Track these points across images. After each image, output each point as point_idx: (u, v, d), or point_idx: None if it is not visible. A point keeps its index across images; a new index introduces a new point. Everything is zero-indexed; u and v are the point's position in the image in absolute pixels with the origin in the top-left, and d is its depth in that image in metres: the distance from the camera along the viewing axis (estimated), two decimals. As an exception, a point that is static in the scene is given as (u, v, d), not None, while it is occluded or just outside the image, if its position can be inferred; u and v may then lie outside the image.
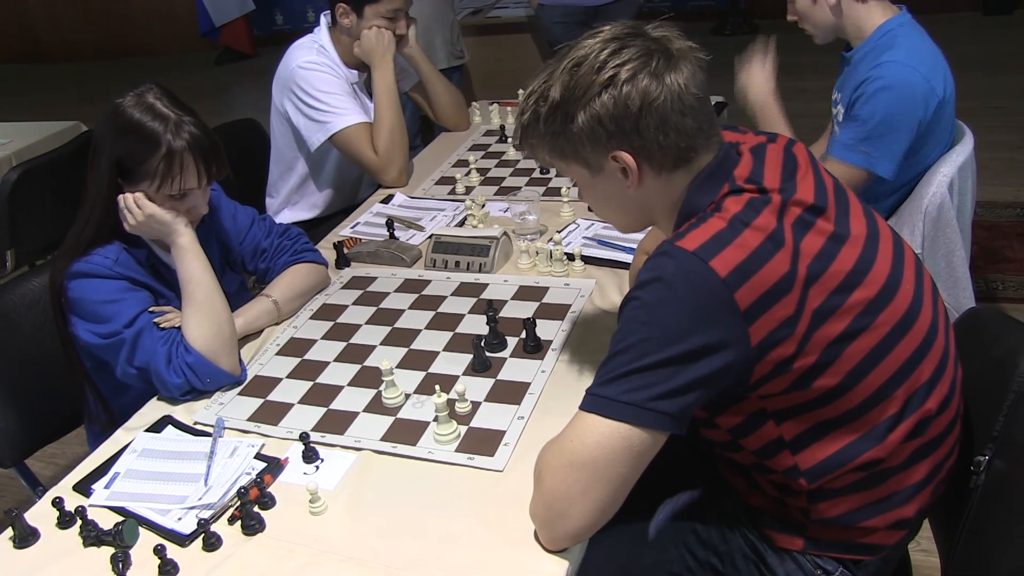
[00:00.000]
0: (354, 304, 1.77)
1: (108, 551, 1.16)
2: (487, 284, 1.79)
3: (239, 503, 1.19)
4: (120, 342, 1.47)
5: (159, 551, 1.12)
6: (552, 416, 1.28)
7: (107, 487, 1.30)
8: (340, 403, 1.45)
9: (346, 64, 2.40)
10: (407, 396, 1.44)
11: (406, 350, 1.58)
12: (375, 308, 1.74)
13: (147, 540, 1.18)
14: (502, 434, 1.32)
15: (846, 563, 1.18)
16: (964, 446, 1.20)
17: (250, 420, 1.43)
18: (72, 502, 1.25)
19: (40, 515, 1.25)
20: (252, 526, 1.19)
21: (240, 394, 1.50)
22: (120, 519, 1.21)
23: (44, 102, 7.02)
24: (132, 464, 1.34)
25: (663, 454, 1.04)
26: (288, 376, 1.54)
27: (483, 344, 1.50)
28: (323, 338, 1.65)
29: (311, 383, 1.51)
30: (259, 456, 1.33)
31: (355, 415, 1.41)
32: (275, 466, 1.31)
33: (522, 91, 1.18)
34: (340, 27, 2.37)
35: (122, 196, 1.50)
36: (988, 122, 4.16)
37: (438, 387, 1.33)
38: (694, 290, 1.00)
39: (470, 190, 2.28)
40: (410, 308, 1.73)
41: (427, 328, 1.64)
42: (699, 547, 1.26)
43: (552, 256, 1.79)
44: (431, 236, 1.93)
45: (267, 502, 1.23)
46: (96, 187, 1.51)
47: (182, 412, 1.47)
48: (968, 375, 1.20)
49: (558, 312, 1.64)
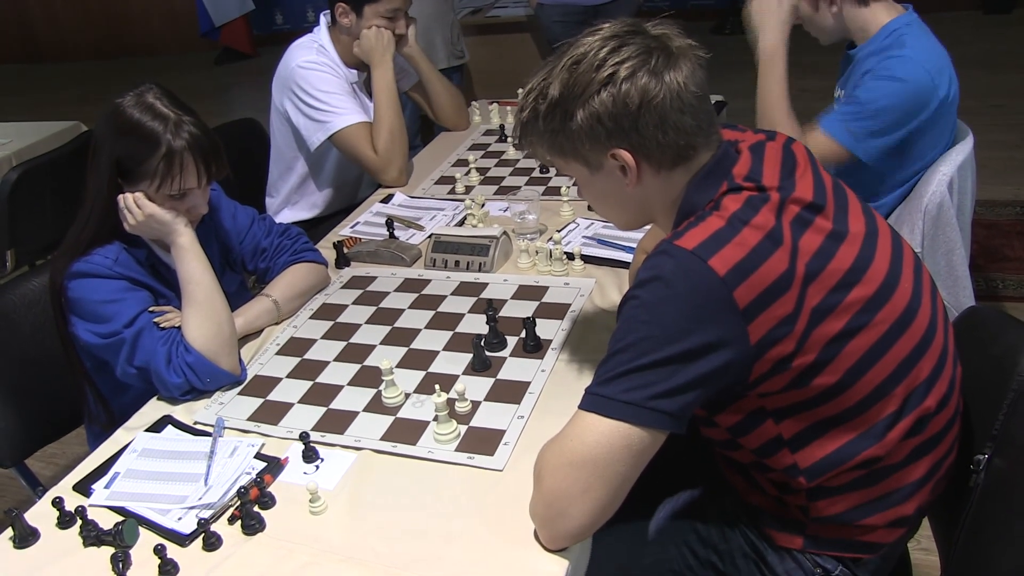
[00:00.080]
0: (354, 304, 1.77)
1: (108, 551, 1.16)
2: (487, 283, 1.79)
3: (239, 503, 1.19)
4: (120, 342, 1.47)
5: (159, 551, 1.12)
6: (552, 415, 1.28)
7: (107, 487, 1.30)
8: (340, 403, 1.45)
9: (346, 64, 2.40)
10: (407, 395, 1.44)
11: (406, 349, 1.58)
12: (375, 308, 1.74)
13: (147, 540, 1.18)
14: (502, 433, 1.32)
15: (846, 561, 1.18)
16: (964, 444, 1.20)
17: (250, 420, 1.43)
18: (72, 502, 1.25)
19: (40, 515, 1.25)
20: (252, 526, 1.19)
21: (240, 394, 1.50)
22: (120, 519, 1.21)
23: (44, 102, 7.02)
24: (132, 464, 1.34)
25: (663, 453, 1.04)
26: (288, 376, 1.54)
27: (483, 343, 1.50)
28: (323, 338, 1.65)
29: (311, 383, 1.51)
30: (259, 456, 1.33)
31: (355, 415, 1.41)
32: (275, 466, 1.31)
33: (521, 89, 1.18)
34: (340, 27, 2.37)
35: (122, 196, 1.50)
36: (988, 121, 4.17)
37: (438, 386, 1.33)
38: (693, 289, 1.00)
39: (470, 189, 2.28)
40: (410, 308, 1.73)
41: (427, 327, 1.64)
42: (699, 545, 1.26)
43: (552, 255, 1.79)
44: (431, 235, 1.93)
45: (267, 502, 1.23)
46: (96, 187, 1.51)
47: (182, 412, 1.47)
48: (968, 374, 1.20)
49: (558, 311, 1.64)
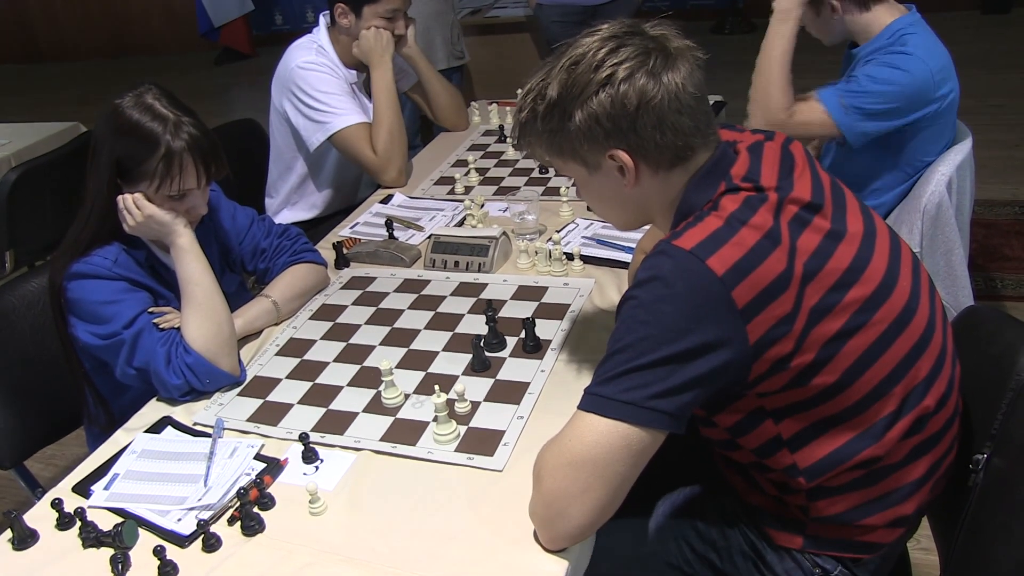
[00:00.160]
0: (353, 304, 1.77)
1: (108, 552, 1.16)
2: (486, 284, 1.79)
3: (239, 504, 1.19)
4: (119, 343, 1.47)
5: (159, 552, 1.12)
6: (551, 416, 1.28)
7: (106, 488, 1.30)
8: (340, 403, 1.45)
9: (345, 64, 2.40)
10: (406, 396, 1.44)
11: (405, 350, 1.58)
12: (374, 308, 1.74)
13: (147, 541, 1.18)
14: (501, 434, 1.32)
15: (845, 561, 1.18)
16: (963, 444, 1.20)
17: (250, 421, 1.43)
18: (71, 503, 1.25)
19: (39, 516, 1.25)
20: (252, 527, 1.19)
21: (240, 395, 1.50)
22: (119, 520, 1.21)
23: (43, 102, 7.02)
24: (131, 465, 1.34)
25: (662, 453, 1.05)
26: (288, 376, 1.54)
27: (482, 344, 1.50)
28: (322, 338, 1.65)
29: (310, 383, 1.51)
30: (259, 457, 1.33)
31: (355, 415, 1.41)
32: (275, 467, 1.31)
33: (520, 90, 1.18)
34: (339, 27, 2.37)
35: (121, 197, 1.50)
36: (986, 120, 4.17)
37: (437, 387, 1.33)
38: (691, 288, 1.00)
39: (469, 190, 2.28)
40: (409, 308, 1.73)
41: (426, 328, 1.65)
42: (698, 541, 1.27)
43: (551, 256, 1.79)
44: (430, 236, 1.93)
45: (267, 503, 1.23)
46: (95, 188, 1.51)
47: (182, 413, 1.47)
48: (967, 373, 1.20)
49: (557, 312, 1.64)
